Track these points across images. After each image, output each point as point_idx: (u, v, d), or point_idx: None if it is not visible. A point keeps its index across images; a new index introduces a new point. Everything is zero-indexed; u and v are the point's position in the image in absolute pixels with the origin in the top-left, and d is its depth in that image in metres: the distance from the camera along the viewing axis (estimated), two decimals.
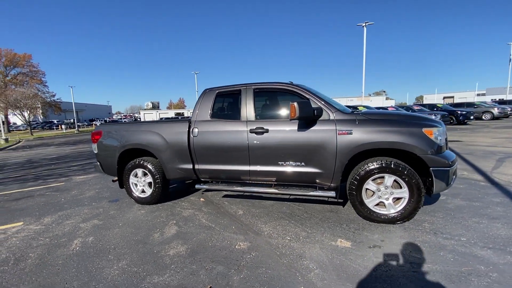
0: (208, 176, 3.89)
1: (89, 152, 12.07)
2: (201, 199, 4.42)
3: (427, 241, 2.68)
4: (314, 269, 2.31)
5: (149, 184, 4.19)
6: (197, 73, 44.30)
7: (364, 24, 24.93)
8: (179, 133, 3.87)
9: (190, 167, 3.88)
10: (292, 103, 3.02)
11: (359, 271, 2.26)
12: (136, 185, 4.30)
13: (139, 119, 60.92)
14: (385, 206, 3.11)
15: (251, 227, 3.25)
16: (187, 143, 3.80)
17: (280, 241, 2.86)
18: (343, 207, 3.73)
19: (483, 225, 2.97)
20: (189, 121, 3.89)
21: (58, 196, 5.12)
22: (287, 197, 4.20)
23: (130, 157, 4.33)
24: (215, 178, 3.89)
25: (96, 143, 4.47)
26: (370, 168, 3.05)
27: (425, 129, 2.93)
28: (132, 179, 4.29)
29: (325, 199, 3.99)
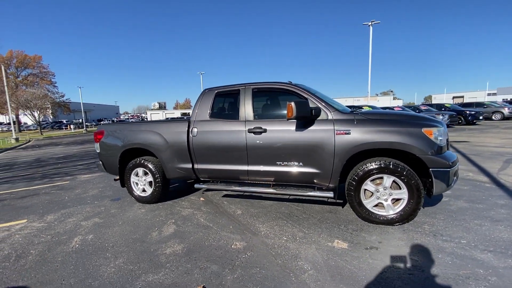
0: (207, 175, 3.91)
1: (95, 151, 12.26)
2: (201, 199, 4.44)
3: (426, 243, 2.63)
4: (308, 270, 2.30)
5: (150, 183, 4.23)
6: (202, 74, 44.55)
7: (370, 23, 24.64)
8: (179, 133, 3.89)
9: (189, 166, 3.90)
10: (289, 103, 3.00)
11: (354, 273, 2.23)
12: (137, 184, 4.35)
13: (145, 119, 61.63)
14: (384, 207, 3.07)
15: (249, 227, 3.24)
16: (186, 143, 3.83)
17: (276, 241, 2.85)
18: (343, 207, 3.69)
19: (485, 228, 2.90)
20: (188, 121, 3.91)
21: (62, 194, 5.22)
22: (287, 197, 4.19)
23: (131, 156, 4.38)
24: (214, 177, 3.90)
25: (98, 143, 4.54)
26: (368, 168, 3.01)
27: (424, 129, 2.88)
28: (133, 178, 4.34)
29: (325, 199, 3.96)
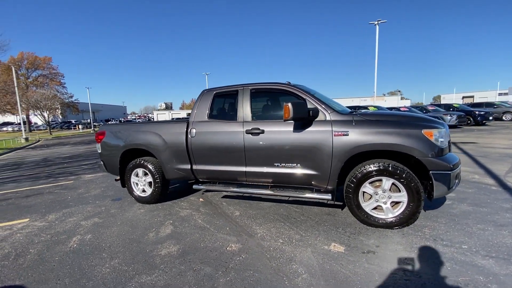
0: (205, 176, 3.90)
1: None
2: (201, 199, 4.44)
3: (425, 248, 2.56)
4: (302, 274, 2.26)
5: (149, 183, 4.25)
6: (208, 74, 44.80)
7: (376, 22, 24.34)
8: (178, 134, 3.90)
9: (188, 167, 3.90)
10: (286, 104, 2.97)
11: (349, 278, 2.18)
12: (137, 184, 4.37)
13: (152, 120, 62.24)
14: (383, 210, 3.00)
15: (246, 228, 3.22)
16: (185, 143, 3.83)
17: (272, 243, 2.82)
18: (342, 210, 3.63)
19: (488, 233, 2.81)
20: (187, 122, 3.91)
21: (65, 194, 5.29)
22: (286, 198, 4.15)
23: (132, 157, 4.41)
24: (213, 178, 3.89)
25: (100, 143, 4.58)
26: (367, 170, 2.95)
27: (424, 131, 2.80)
28: (133, 179, 4.37)
29: (325, 201, 3.90)
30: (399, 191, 2.90)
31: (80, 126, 43.69)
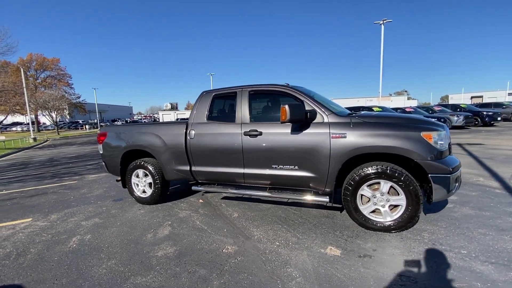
0: (204, 178, 3.91)
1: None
2: (200, 200, 4.46)
3: (423, 253, 2.52)
4: (296, 278, 2.25)
5: (150, 184, 4.29)
6: (212, 75, 44.97)
7: (381, 21, 24.08)
8: (177, 135, 3.92)
9: (187, 168, 3.92)
10: (282, 106, 2.96)
11: (343, 282, 2.16)
12: (137, 185, 4.41)
13: (157, 120, 62.83)
14: (381, 213, 2.97)
15: (243, 230, 3.22)
16: (184, 145, 3.85)
17: (268, 246, 2.81)
18: (341, 212, 3.60)
19: (489, 237, 2.75)
20: (186, 123, 3.93)
21: (68, 194, 5.37)
22: (285, 200, 4.14)
23: (133, 158, 4.46)
24: (211, 180, 3.91)
25: (101, 144, 4.64)
26: (365, 173, 2.92)
27: (423, 133, 2.76)
28: (134, 179, 4.41)
29: (322, 204, 3.88)
30: (398, 194, 2.86)
31: (87, 126, 44.36)
